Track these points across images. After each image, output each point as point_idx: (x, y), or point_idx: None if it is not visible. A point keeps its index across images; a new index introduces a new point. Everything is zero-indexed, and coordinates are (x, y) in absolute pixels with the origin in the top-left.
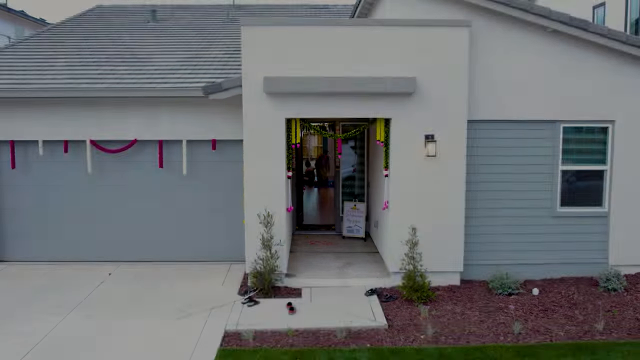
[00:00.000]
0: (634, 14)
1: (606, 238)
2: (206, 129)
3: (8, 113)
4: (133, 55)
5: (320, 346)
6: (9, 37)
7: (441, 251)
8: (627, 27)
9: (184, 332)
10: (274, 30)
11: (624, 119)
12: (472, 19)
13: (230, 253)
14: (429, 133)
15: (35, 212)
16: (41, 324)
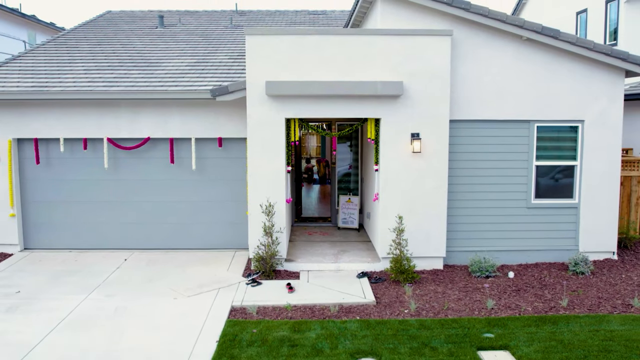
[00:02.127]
0: (612, 24)
1: (576, 227)
2: (213, 128)
3: (32, 113)
4: (144, 59)
5: (315, 318)
6: (25, 42)
7: (426, 238)
8: (606, 33)
9: (196, 307)
10: (275, 39)
11: (592, 118)
12: (454, 29)
13: (234, 241)
14: (414, 132)
15: (56, 204)
16: (67, 301)
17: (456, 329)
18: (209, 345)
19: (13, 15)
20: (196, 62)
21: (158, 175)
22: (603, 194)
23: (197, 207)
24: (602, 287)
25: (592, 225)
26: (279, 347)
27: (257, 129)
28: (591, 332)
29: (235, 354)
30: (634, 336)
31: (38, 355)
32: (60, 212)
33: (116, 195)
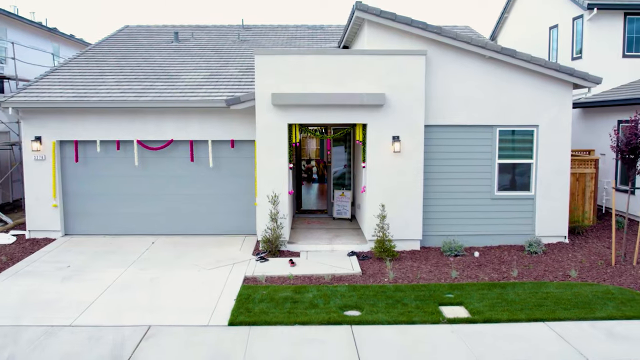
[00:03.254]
0: (578, 38)
1: (533, 215)
2: (227, 132)
3: (73, 119)
4: (165, 72)
5: (312, 284)
6: (53, 54)
7: (405, 224)
8: (573, 46)
9: (216, 277)
10: (279, 58)
11: (545, 123)
12: (428, 49)
13: (244, 228)
14: (395, 135)
15: (92, 196)
16: (110, 273)
17: (424, 291)
18: (228, 302)
19: (41, 30)
20: (210, 75)
21: (180, 172)
22: (555, 187)
23: (213, 198)
24: (550, 263)
25: (547, 213)
26: (284, 303)
27: (264, 133)
28: (531, 293)
29: (250, 307)
30: (564, 296)
31: (97, 308)
32: (95, 203)
33: (144, 189)
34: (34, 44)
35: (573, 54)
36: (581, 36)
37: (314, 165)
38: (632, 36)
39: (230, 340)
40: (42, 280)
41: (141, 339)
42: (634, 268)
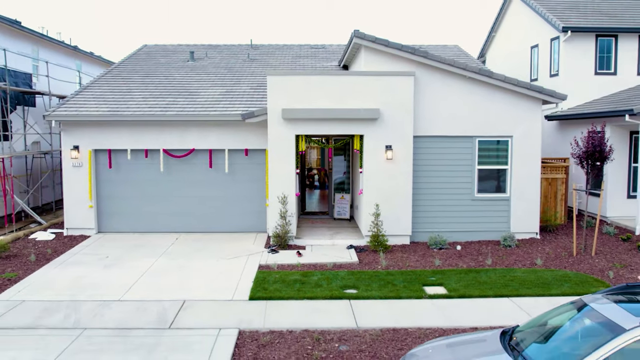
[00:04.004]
0: (555, 57)
1: (508, 214)
2: (241, 142)
3: (106, 130)
4: (185, 89)
5: (317, 270)
6: (79, 71)
7: (396, 221)
8: (551, 64)
9: (234, 265)
10: (288, 78)
11: (519, 134)
12: (417, 70)
13: (256, 226)
14: (388, 144)
15: (122, 198)
16: (144, 262)
17: (411, 275)
18: (247, 283)
19: (66, 49)
20: (226, 92)
21: (199, 177)
22: (527, 190)
23: (229, 200)
24: (521, 254)
25: (520, 213)
26: (293, 283)
27: (275, 143)
28: (501, 277)
29: (265, 287)
30: (528, 279)
31: (138, 288)
32: (125, 204)
33: (168, 191)
34: (60, 61)
35: (551, 71)
36: (558, 55)
37: (315, 173)
38: (603, 55)
39: (251, 310)
40: (87, 268)
41: (179, 309)
42: (591, 258)
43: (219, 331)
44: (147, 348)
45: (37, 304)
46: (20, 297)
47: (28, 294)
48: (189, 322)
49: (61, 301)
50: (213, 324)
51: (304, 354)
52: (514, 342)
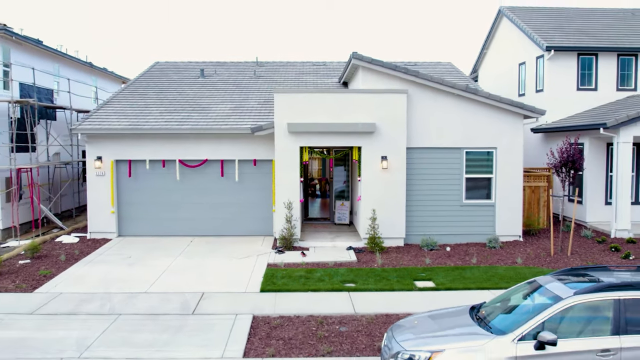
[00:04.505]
0: (540, 74)
1: (494, 219)
2: (250, 153)
3: (127, 142)
4: (198, 105)
5: (320, 267)
6: (96, 87)
7: (392, 225)
8: (537, 81)
9: (246, 264)
10: (293, 96)
11: (502, 146)
12: (409, 88)
13: (263, 230)
14: (383, 155)
15: (141, 205)
16: (163, 261)
17: (403, 272)
18: (257, 278)
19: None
20: (235, 107)
21: (212, 185)
22: (511, 196)
23: (239, 206)
24: (503, 254)
25: (504, 217)
26: (299, 278)
27: (281, 154)
28: (483, 273)
29: (274, 281)
30: (508, 274)
31: (161, 282)
32: (144, 210)
33: (183, 198)
34: (78, 77)
35: (537, 87)
36: (543, 72)
37: (317, 182)
38: (585, 72)
39: (262, 300)
40: (113, 266)
41: (199, 299)
42: (567, 257)
43: (235, 316)
44: (175, 328)
45: (74, 295)
46: (58, 290)
47: (64, 287)
48: (209, 309)
49: (95, 293)
50: (230, 311)
51: (310, 334)
52: (481, 315)
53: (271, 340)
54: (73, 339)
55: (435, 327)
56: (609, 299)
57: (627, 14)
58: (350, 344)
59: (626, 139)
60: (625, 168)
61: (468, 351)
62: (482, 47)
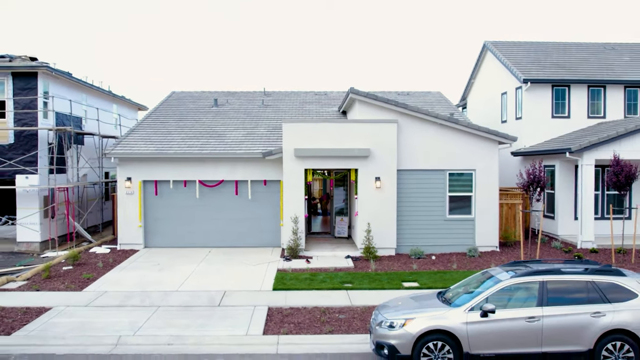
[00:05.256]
0: (519, 103)
1: (474, 232)
2: (261, 174)
3: (153, 165)
4: (215, 132)
5: (322, 272)
6: (119, 115)
7: (384, 237)
8: (516, 109)
9: (259, 270)
10: (299, 125)
11: (481, 167)
12: (399, 118)
13: (272, 242)
14: (377, 176)
15: (165, 220)
16: (188, 267)
17: (393, 275)
18: (269, 280)
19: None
20: (247, 134)
21: (227, 202)
22: (489, 212)
23: (251, 221)
24: (480, 262)
25: (483, 230)
26: (305, 280)
27: (288, 175)
28: (461, 275)
29: (284, 282)
30: None
31: (188, 283)
32: (167, 224)
33: (202, 214)
34: (102, 105)
35: (517, 114)
36: (521, 101)
37: (318, 202)
38: (559, 102)
39: (275, 296)
40: (145, 271)
41: (223, 296)
42: None
43: (254, 307)
44: (205, 316)
45: (117, 293)
46: (102, 289)
47: (107, 287)
48: (232, 303)
49: (134, 291)
50: (249, 304)
51: (315, 319)
52: (446, 297)
53: (284, 324)
54: (125, 323)
55: (410, 305)
56: (535, 281)
57: (600, 48)
58: (347, 326)
59: (589, 162)
60: (589, 187)
61: (431, 318)
62: (469, 77)
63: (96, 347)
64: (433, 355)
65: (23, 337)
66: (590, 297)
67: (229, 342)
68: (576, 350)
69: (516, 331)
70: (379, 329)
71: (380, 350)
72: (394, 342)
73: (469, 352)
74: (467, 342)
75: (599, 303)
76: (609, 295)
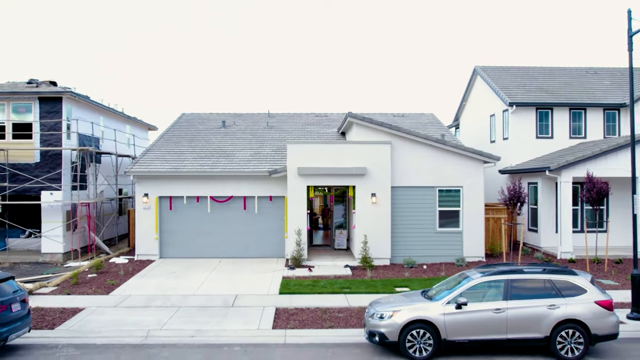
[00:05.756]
0: (506, 124)
1: (462, 244)
2: (267, 190)
3: (167, 182)
4: (224, 151)
5: (323, 279)
6: (133, 135)
7: (380, 248)
8: (504, 130)
9: (265, 276)
10: (301, 146)
11: (468, 184)
12: (392, 139)
13: (277, 253)
14: (373, 192)
15: (178, 232)
16: (201, 275)
17: (387, 282)
18: (276, 286)
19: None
20: (254, 153)
21: (235, 216)
22: (475, 226)
23: (257, 233)
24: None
25: (470, 242)
26: (307, 286)
27: (292, 192)
28: None
29: (289, 287)
30: None
31: (203, 288)
32: (181, 237)
33: (212, 227)
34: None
35: (504, 135)
36: (508, 123)
37: (319, 217)
38: (542, 123)
39: (281, 299)
40: (163, 278)
41: (235, 299)
42: None
43: (263, 308)
44: (221, 315)
45: (140, 297)
46: (127, 293)
47: (131, 292)
48: (243, 304)
49: (155, 295)
50: (259, 305)
51: (317, 317)
52: (428, 294)
53: (290, 321)
54: (151, 320)
55: (398, 301)
56: (501, 279)
57: (582, 72)
58: (345, 322)
59: (566, 179)
60: (567, 202)
61: (414, 310)
62: (462, 99)
63: (129, 339)
64: (416, 341)
65: (65, 330)
66: (547, 292)
67: (243, 334)
68: (536, 336)
69: (485, 320)
70: (371, 320)
71: (372, 338)
72: (383, 330)
73: (446, 339)
74: (445, 330)
75: (554, 297)
76: (562, 291)
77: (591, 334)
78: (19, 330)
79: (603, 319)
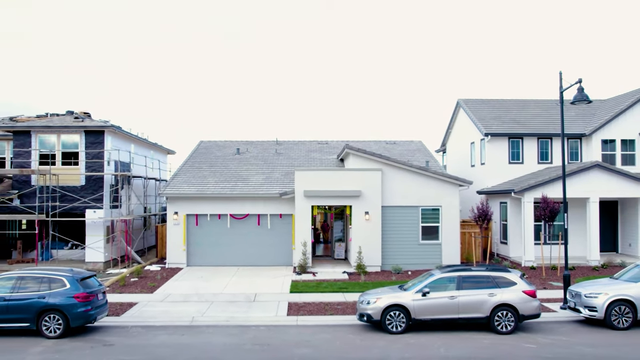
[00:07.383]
0: (483, 151)
1: (440, 253)
2: (278, 209)
3: (194, 202)
4: (240, 176)
5: (324, 282)
6: (159, 161)
7: (372, 257)
8: (481, 156)
9: (277, 280)
10: (308, 172)
11: (445, 204)
12: (383, 167)
13: (285, 262)
14: (366, 210)
15: (203, 244)
16: (224, 279)
17: (377, 283)
18: (287, 287)
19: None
20: (266, 178)
21: (251, 231)
22: (451, 239)
23: (269, 246)
24: None
25: (448, 252)
26: (312, 287)
27: (299, 210)
28: None
29: (298, 288)
30: None
31: (227, 289)
32: (205, 248)
33: (231, 240)
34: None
35: (481, 160)
36: (485, 150)
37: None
38: (514, 150)
39: (292, 296)
40: (193, 281)
41: (255, 296)
42: None
43: (278, 302)
44: (246, 306)
45: (179, 295)
46: (167, 292)
47: (171, 291)
48: (262, 299)
49: (191, 293)
50: (274, 300)
51: (321, 309)
52: (404, 287)
53: (300, 310)
54: (193, 310)
55: (381, 291)
56: (454, 275)
57: (553, 104)
58: (342, 311)
59: (529, 200)
60: (529, 219)
61: (392, 297)
62: (447, 127)
63: (179, 322)
64: (393, 319)
65: (129, 317)
66: (488, 284)
67: (265, 319)
68: (479, 316)
69: (443, 304)
70: (361, 305)
71: (361, 318)
72: (369, 312)
73: (415, 318)
74: (414, 312)
75: (493, 288)
76: (499, 283)
77: (519, 314)
78: (102, 314)
79: (528, 303)
